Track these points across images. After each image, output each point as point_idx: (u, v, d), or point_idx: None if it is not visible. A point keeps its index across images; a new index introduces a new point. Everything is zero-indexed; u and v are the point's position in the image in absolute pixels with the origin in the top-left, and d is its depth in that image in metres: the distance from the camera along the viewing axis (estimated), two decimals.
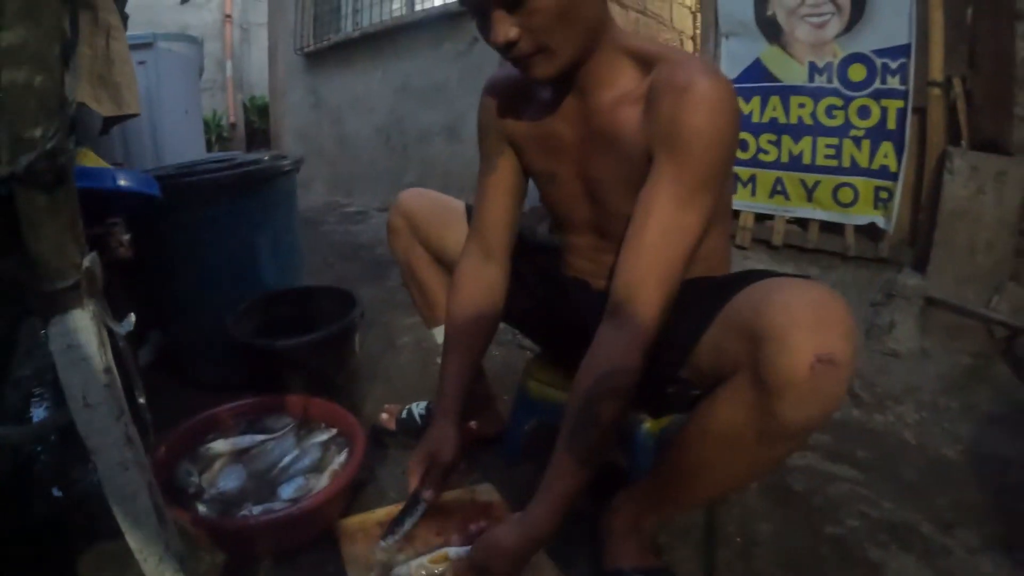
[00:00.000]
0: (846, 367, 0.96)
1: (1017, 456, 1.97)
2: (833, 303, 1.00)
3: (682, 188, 1.14)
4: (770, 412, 1.00)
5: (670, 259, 1.15)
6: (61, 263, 0.80)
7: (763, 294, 1.08)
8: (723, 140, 1.13)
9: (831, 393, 0.97)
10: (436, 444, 1.42)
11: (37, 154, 0.73)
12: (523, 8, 1.11)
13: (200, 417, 1.73)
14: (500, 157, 1.50)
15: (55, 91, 0.76)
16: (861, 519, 1.64)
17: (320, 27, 6.84)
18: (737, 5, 3.25)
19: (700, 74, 1.12)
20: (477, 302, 1.52)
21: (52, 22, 0.75)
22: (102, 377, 0.85)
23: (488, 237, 1.53)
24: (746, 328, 1.05)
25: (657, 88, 1.18)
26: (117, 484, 0.90)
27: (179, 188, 1.96)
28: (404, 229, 1.73)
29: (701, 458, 1.18)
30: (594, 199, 1.37)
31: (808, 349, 0.95)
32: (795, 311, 0.99)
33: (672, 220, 1.14)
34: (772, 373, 0.98)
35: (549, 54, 1.17)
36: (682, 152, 1.13)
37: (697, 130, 1.11)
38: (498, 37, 1.13)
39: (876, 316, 2.71)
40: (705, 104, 1.10)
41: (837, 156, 3.01)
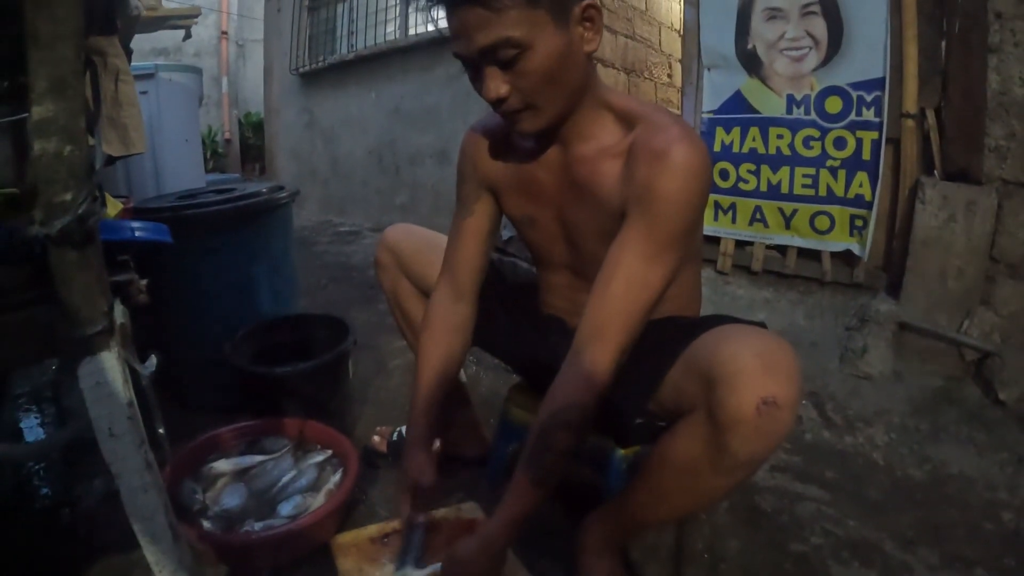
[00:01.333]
0: (789, 409, 1.07)
1: (982, 476, 2.04)
2: (779, 351, 1.12)
3: (649, 246, 1.22)
4: (721, 446, 1.12)
5: (631, 311, 1.23)
6: (90, 312, 0.89)
7: (718, 341, 1.19)
8: (692, 204, 1.22)
9: (774, 431, 1.08)
10: (417, 472, 1.48)
11: (69, 219, 0.82)
12: (514, 68, 1.18)
13: (203, 438, 1.80)
14: (477, 203, 1.56)
15: (83, 160, 0.85)
16: (825, 537, 1.71)
17: (315, 48, 6.90)
18: (719, 38, 3.34)
19: (678, 141, 1.20)
20: (447, 339, 1.60)
21: (77, 97, 0.84)
22: (126, 411, 0.94)
23: (459, 278, 1.59)
24: (702, 371, 1.16)
25: (637, 149, 1.25)
26: (137, 505, 0.99)
27: (181, 220, 2.05)
28: (391, 264, 1.80)
29: (662, 484, 1.28)
30: (571, 242, 1.46)
31: (754, 392, 1.06)
32: (743, 358, 1.10)
33: (637, 275, 1.22)
34: (723, 413, 1.09)
35: (536, 110, 1.24)
36: (653, 214, 1.21)
37: (669, 195, 1.19)
38: (489, 93, 1.20)
39: (850, 340, 2.78)
40: (679, 171, 1.18)
41: (814, 185, 3.10)
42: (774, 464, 2.06)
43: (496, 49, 1.16)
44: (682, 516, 1.50)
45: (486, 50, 1.16)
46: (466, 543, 1.31)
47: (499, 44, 1.15)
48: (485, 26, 1.14)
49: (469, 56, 1.19)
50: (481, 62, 1.19)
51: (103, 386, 0.93)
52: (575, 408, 1.25)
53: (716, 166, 3.34)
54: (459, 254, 1.59)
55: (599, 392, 1.24)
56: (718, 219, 3.39)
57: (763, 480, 1.96)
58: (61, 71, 0.80)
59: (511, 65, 1.18)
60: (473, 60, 1.20)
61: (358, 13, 6.28)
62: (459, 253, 1.59)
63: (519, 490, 1.28)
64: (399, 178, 5.76)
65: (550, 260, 1.56)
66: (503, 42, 1.15)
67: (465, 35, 1.17)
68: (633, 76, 5.48)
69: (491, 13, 1.13)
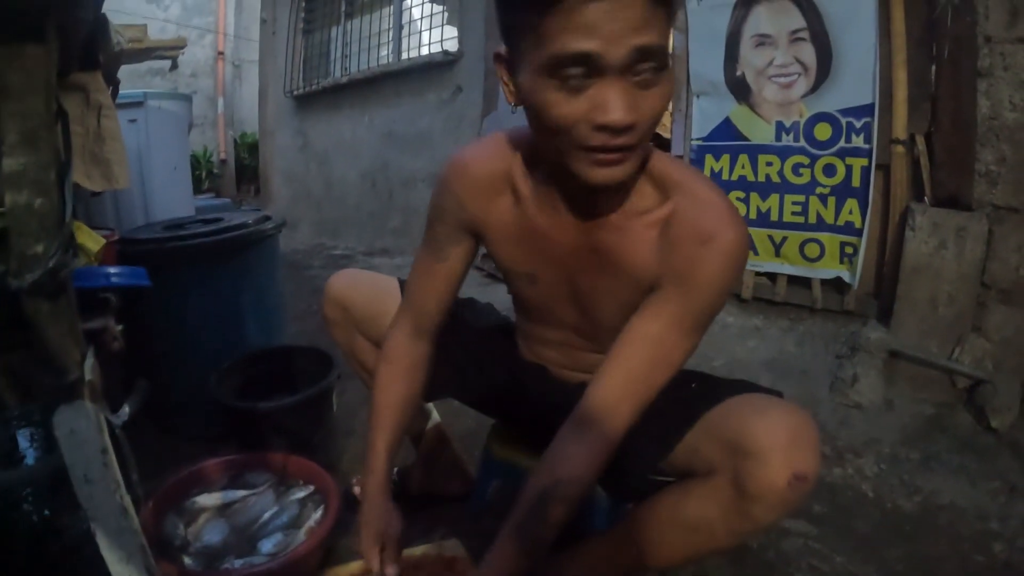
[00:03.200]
0: (813, 480, 1.10)
1: (973, 505, 2.03)
2: (808, 427, 1.14)
3: (682, 325, 1.16)
4: (744, 513, 1.13)
5: (649, 387, 1.19)
6: (64, 361, 0.89)
7: (746, 411, 1.19)
8: (727, 291, 1.18)
9: (797, 503, 1.11)
10: (383, 522, 1.43)
11: (41, 271, 0.82)
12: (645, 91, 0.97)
13: (187, 472, 1.78)
14: (455, 247, 1.38)
15: (54, 212, 0.85)
16: (811, 573, 1.70)
17: (310, 71, 6.95)
18: (707, 65, 3.35)
19: (727, 225, 1.11)
20: (405, 381, 1.49)
21: (49, 149, 0.84)
22: (100, 457, 0.94)
23: (423, 319, 1.46)
24: (730, 440, 1.15)
25: (679, 223, 1.14)
26: (114, 547, 0.99)
27: (165, 252, 2.06)
28: (341, 321, 1.70)
29: (663, 536, 1.27)
30: (580, 307, 1.34)
31: (787, 468, 1.08)
32: (777, 434, 1.10)
33: (663, 351, 1.17)
34: (753, 484, 1.09)
35: (637, 154, 1.04)
36: (693, 294, 1.14)
37: (713, 279, 1.13)
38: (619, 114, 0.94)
39: (840, 368, 2.78)
40: (729, 259, 1.12)
41: (804, 213, 3.10)
42: None
43: (649, 56, 0.93)
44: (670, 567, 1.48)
45: (640, 53, 0.92)
46: None
47: (655, 50, 0.93)
48: (647, 24, 0.91)
49: (609, 57, 0.91)
50: (612, 71, 0.93)
51: (77, 433, 0.93)
52: (576, 484, 1.19)
53: None
54: (424, 296, 1.45)
55: (603, 465, 1.21)
56: None
57: None
58: (31, 123, 0.80)
59: (646, 86, 0.96)
60: (605, 64, 0.92)
61: (352, 37, 6.34)
62: (424, 295, 1.45)
63: (504, 555, 1.21)
64: (392, 202, 5.78)
65: (549, 319, 1.43)
66: (659, 50, 0.94)
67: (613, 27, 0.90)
68: None
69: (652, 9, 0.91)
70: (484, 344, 1.64)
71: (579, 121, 0.96)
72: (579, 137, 0.98)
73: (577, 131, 0.97)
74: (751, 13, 3.20)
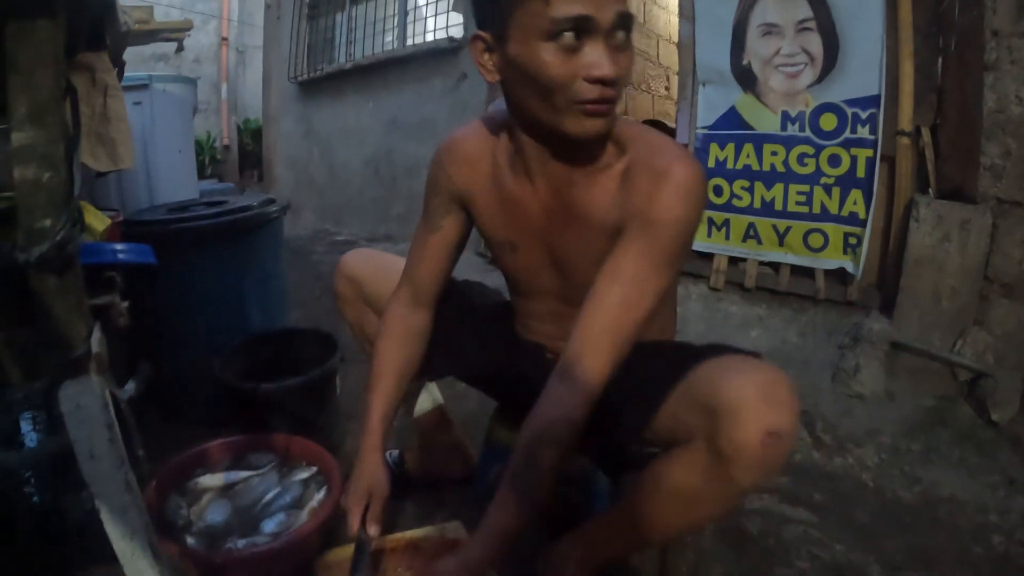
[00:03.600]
0: (789, 439, 1.10)
1: (973, 498, 2.04)
2: (780, 384, 1.13)
3: (647, 263, 1.21)
4: (723, 476, 1.12)
5: (626, 325, 1.22)
6: (71, 336, 0.90)
7: (720, 372, 1.19)
8: (690, 223, 1.21)
9: (775, 461, 1.11)
10: (371, 480, 1.48)
11: (48, 245, 0.82)
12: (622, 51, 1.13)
13: (190, 453, 1.79)
14: (446, 218, 1.50)
15: (62, 186, 0.85)
16: (811, 561, 1.71)
17: (314, 57, 6.92)
18: (714, 54, 3.34)
19: (677, 160, 1.20)
20: (404, 346, 1.58)
21: (57, 123, 0.84)
22: (106, 433, 0.94)
23: (420, 289, 1.56)
24: (703, 402, 1.16)
25: (634, 169, 1.24)
26: (117, 524, 0.99)
27: (170, 234, 2.06)
28: (352, 296, 1.76)
29: (654, 510, 1.27)
30: (559, 269, 1.42)
31: (759, 425, 1.07)
32: (748, 390, 1.11)
33: (633, 290, 1.21)
34: (727, 444, 1.10)
35: (614, 107, 1.18)
36: (654, 230, 1.19)
37: (670, 212, 1.18)
38: (607, 69, 1.09)
39: (842, 359, 2.78)
40: (680, 190, 1.18)
41: (808, 203, 3.09)
42: (762, 486, 2.05)
43: (625, 22, 1.12)
44: (669, 541, 1.49)
45: (621, 18, 1.10)
46: (445, 562, 1.28)
47: (628, 17, 1.12)
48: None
49: (601, 20, 1.08)
50: (600, 32, 1.09)
51: (83, 409, 0.93)
52: (564, 423, 1.23)
53: (710, 182, 3.34)
54: (422, 267, 1.56)
55: (589, 407, 1.23)
56: (711, 235, 3.38)
57: (750, 503, 1.95)
58: (40, 97, 0.80)
59: (619, 49, 1.13)
60: (597, 25, 1.08)
61: (357, 23, 6.31)
62: (422, 266, 1.56)
63: (503, 507, 1.26)
64: (395, 188, 5.77)
65: (533, 288, 1.51)
66: (631, 17, 1.13)
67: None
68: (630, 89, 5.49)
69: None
70: (486, 322, 1.68)
71: (574, 76, 1.11)
72: (575, 91, 1.12)
73: (572, 86, 1.11)
74: (758, 2, 3.18)
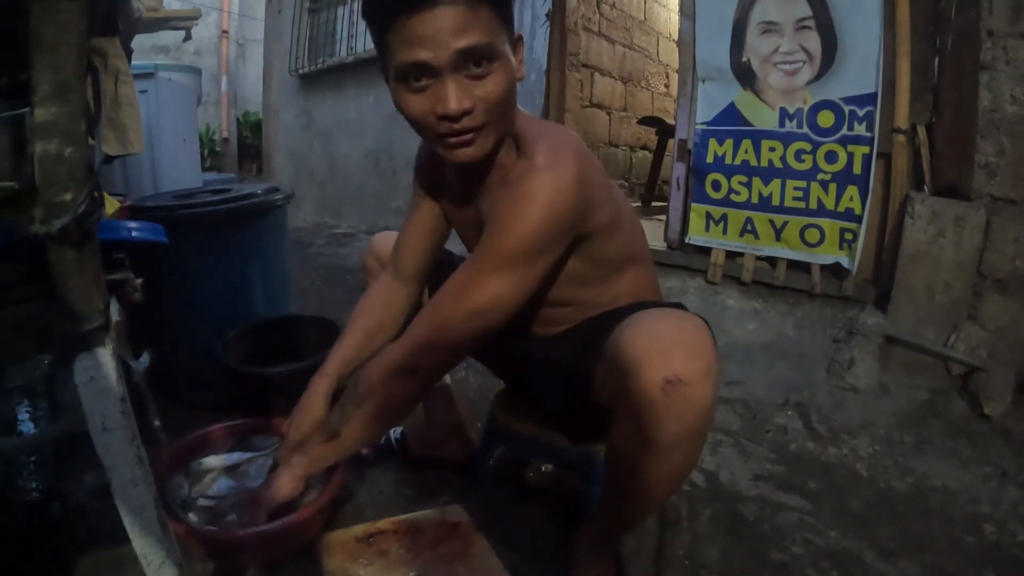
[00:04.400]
0: (697, 383, 1.08)
1: (965, 489, 2.06)
2: (679, 328, 1.15)
3: (480, 263, 1.26)
4: (642, 433, 1.13)
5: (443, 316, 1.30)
6: (87, 308, 0.92)
7: (622, 329, 1.22)
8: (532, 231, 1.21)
9: (687, 407, 1.08)
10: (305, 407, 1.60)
11: (69, 218, 0.84)
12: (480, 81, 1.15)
13: (193, 436, 1.81)
14: (423, 200, 1.63)
15: (83, 161, 0.87)
16: (806, 546, 1.73)
17: (315, 50, 6.92)
18: (713, 51, 3.36)
19: (536, 171, 1.22)
20: (380, 308, 1.70)
21: (79, 101, 0.86)
22: (119, 406, 0.96)
23: (401, 263, 1.69)
24: (613, 363, 1.19)
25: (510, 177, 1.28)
26: (128, 498, 1.01)
27: (176, 220, 2.07)
28: (379, 270, 1.84)
29: (619, 480, 1.30)
30: None
31: (655, 373, 1.08)
32: (640, 341, 1.13)
33: (458, 286, 1.28)
34: (633, 401, 1.11)
35: (487, 132, 1.22)
36: (491, 233, 1.25)
37: (506, 217, 1.23)
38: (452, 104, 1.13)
39: (837, 352, 2.81)
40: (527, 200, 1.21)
41: (805, 198, 3.11)
42: (757, 473, 2.09)
43: (473, 54, 1.12)
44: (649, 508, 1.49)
45: (463, 54, 1.11)
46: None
47: (477, 49, 1.12)
48: (465, 28, 1.10)
49: (437, 62, 1.11)
50: (444, 71, 1.13)
51: (97, 381, 0.95)
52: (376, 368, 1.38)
53: (708, 177, 3.38)
54: (404, 243, 1.68)
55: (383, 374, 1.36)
56: (709, 230, 3.41)
57: (746, 489, 1.98)
58: (64, 75, 0.83)
59: (477, 78, 1.15)
60: (436, 67, 1.12)
61: (358, 16, 6.29)
62: (402, 241, 1.68)
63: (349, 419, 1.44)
64: (395, 181, 5.79)
65: None
66: (482, 48, 1.13)
67: (436, 37, 1.10)
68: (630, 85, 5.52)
69: (471, 15, 1.10)
70: None
71: (427, 114, 1.17)
72: (431, 127, 1.19)
73: (428, 123, 1.19)
74: (758, 1, 3.20)
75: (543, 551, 1.59)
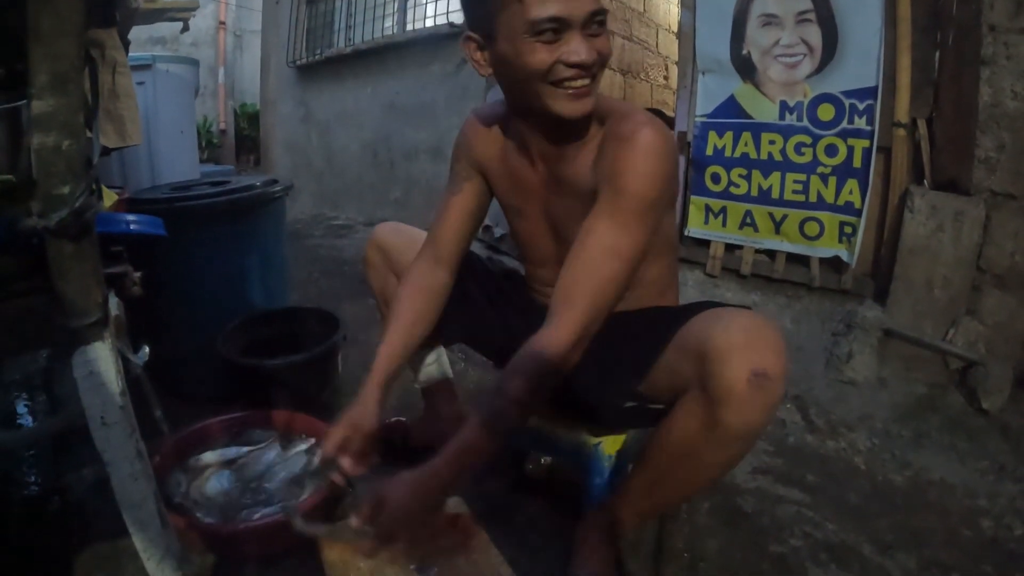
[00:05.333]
0: (778, 380, 1.15)
1: (962, 483, 2.07)
2: (765, 328, 1.20)
3: (617, 217, 1.30)
4: (717, 421, 1.17)
5: (600, 277, 1.30)
6: (85, 303, 0.91)
7: (708, 322, 1.26)
8: (656, 177, 1.30)
9: (766, 402, 1.15)
10: (358, 413, 1.51)
11: (67, 211, 0.84)
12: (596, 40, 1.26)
13: (191, 430, 1.81)
14: (468, 181, 1.63)
15: (80, 154, 0.86)
16: (804, 539, 1.74)
17: (312, 41, 6.89)
18: (714, 43, 3.35)
19: (642, 125, 1.30)
20: (419, 299, 1.64)
21: (77, 93, 0.85)
22: (118, 400, 0.96)
23: (441, 248, 1.65)
24: (694, 351, 1.22)
25: (607, 138, 1.35)
26: (127, 492, 1.01)
27: (174, 212, 2.06)
28: (380, 263, 1.84)
29: (663, 466, 1.33)
30: (557, 236, 1.53)
31: (745, 365, 1.13)
32: (733, 335, 1.17)
33: (605, 242, 1.30)
34: (716, 386, 1.15)
35: (594, 87, 1.31)
36: (620, 187, 1.29)
37: (634, 169, 1.28)
38: (585, 54, 1.23)
39: (836, 345, 2.81)
40: (642, 149, 1.29)
41: (804, 191, 3.10)
42: (756, 466, 2.09)
43: (597, 16, 1.24)
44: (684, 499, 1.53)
45: (593, 15, 1.23)
46: (397, 482, 1.31)
47: (600, 12, 1.24)
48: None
49: (573, 19, 1.22)
50: (575, 27, 1.23)
51: (96, 375, 0.95)
52: (533, 360, 1.29)
53: (708, 170, 3.37)
54: (444, 227, 1.65)
55: (564, 349, 1.28)
56: (708, 222, 3.41)
57: (744, 482, 1.99)
58: (62, 66, 0.82)
59: (595, 36, 1.26)
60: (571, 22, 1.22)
61: (356, 7, 6.29)
62: (445, 226, 1.65)
63: (467, 430, 1.31)
64: (393, 173, 5.77)
65: (537, 255, 1.63)
66: (603, 11, 1.25)
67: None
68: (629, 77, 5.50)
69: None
70: (500, 287, 1.77)
71: (557, 63, 1.24)
72: (557, 75, 1.25)
73: (555, 71, 1.24)
74: None
75: (542, 543, 1.59)
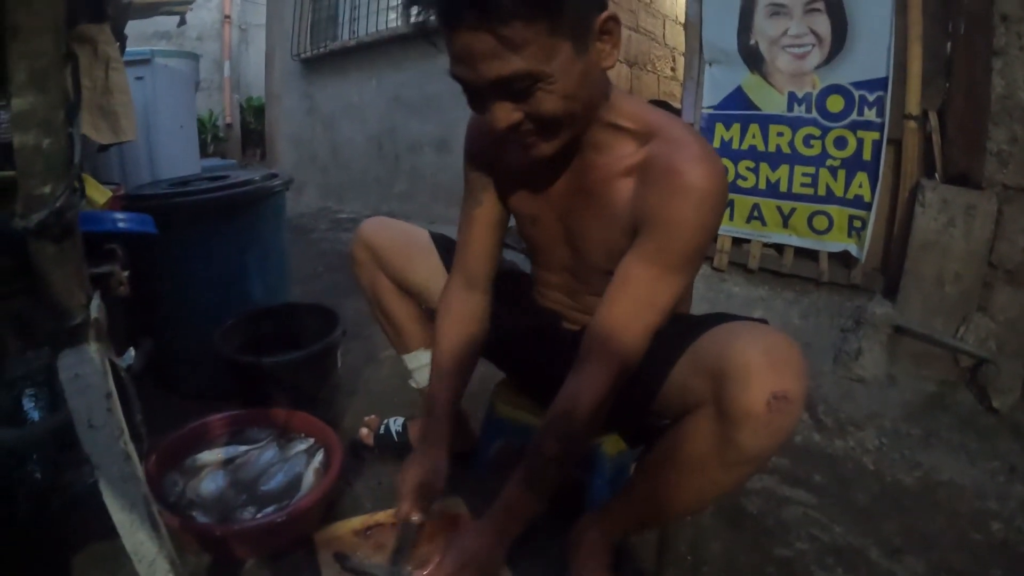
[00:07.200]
0: (797, 403, 1.09)
1: (972, 484, 2.03)
2: (787, 348, 1.14)
3: (659, 268, 1.22)
4: (731, 441, 1.13)
5: (635, 329, 1.25)
6: (69, 304, 0.89)
7: (726, 338, 1.20)
8: (705, 228, 1.21)
9: (783, 426, 1.11)
10: (431, 474, 1.46)
11: (47, 212, 0.81)
12: (529, 99, 1.10)
13: (188, 428, 1.79)
14: (485, 192, 1.52)
15: (62, 152, 0.83)
16: (811, 542, 1.71)
17: (317, 34, 6.89)
18: (720, 33, 3.33)
19: (695, 161, 1.18)
20: (464, 330, 1.56)
21: (57, 89, 0.82)
22: (105, 402, 0.93)
23: (472, 268, 1.56)
24: (710, 367, 1.17)
25: (652, 166, 1.23)
26: (116, 495, 0.99)
27: (171, 208, 2.05)
28: (368, 261, 1.76)
29: (669, 480, 1.29)
30: (573, 247, 1.44)
31: (765, 387, 1.08)
32: (753, 354, 1.11)
33: (644, 295, 1.23)
34: (733, 407, 1.10)
35: (552, 137, 1.18)
36: (666, 235, 1.20)
37: (682, 218, 1.18)
38: (499, 124, 1.13)
39: (844, 342, 2.78)
40: (694, 194, 1.17)
41: (813, 184, 3.08)
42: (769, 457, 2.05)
43: (511, 82, 1.08)
44: (689, 512, 1.51)
45: (499, 83, 1.08)
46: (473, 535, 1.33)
47: (515, 77, 1.07)
48: (499, 57, 1.04)
49: (474, 85, 1.11)
50: (483, 93, 1.12)
51: (81, 378, 0.92)
52: (565, 421, 1.27)
53: None
54: (471, 245, 1.56)
55: (594, 407, 1.25)
56: None
57: (750, 482, 1.94)
58: (41, 64, 0.79)
59: (525, 95, 1.10)
60: (474, 88, 1.12)
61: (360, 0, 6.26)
62: (471, 244, 1.56)
63: (511, 491, 1.32)
64: (398, 166, 5.76)
65: (550, 261, 1.53)
66: (521, 75, 1.07)
67: (470, 62, 1.07)
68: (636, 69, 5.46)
69: (507, 40, 1.02)
70: (506, 288, 1.68)
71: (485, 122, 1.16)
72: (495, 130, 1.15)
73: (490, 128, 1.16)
74: None
75: (541, 543, 1.57)
